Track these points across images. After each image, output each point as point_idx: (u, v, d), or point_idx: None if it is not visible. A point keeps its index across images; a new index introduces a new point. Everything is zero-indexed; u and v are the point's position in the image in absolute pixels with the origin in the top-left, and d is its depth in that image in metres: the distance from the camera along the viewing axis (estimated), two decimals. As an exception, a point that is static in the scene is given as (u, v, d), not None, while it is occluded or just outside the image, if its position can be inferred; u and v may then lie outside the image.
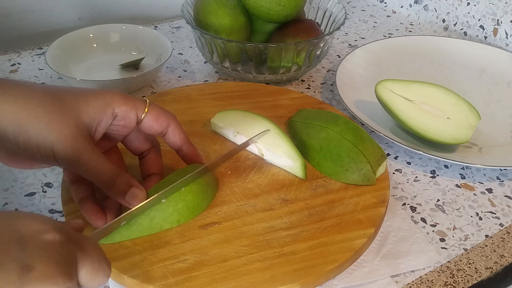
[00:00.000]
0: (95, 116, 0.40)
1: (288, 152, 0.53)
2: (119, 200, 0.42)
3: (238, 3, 0.72)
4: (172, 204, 0.46)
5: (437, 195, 0.58)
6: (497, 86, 0.78)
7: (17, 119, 0.36)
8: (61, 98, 0.38)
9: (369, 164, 0.52)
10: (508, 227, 0.55)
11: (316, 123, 0.56)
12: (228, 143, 0.58)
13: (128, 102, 0.42)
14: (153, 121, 0.44)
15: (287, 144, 0.54)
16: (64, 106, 0.38)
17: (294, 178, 0.54)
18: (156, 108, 0.44)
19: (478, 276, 0.49)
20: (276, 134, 0.55)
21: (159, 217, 0.46)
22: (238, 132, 0.56)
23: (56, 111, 0.37)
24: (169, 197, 0.46)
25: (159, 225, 0.46)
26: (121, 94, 0.42)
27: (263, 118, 0.57)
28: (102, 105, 0.40)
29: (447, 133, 0.60)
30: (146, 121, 0.44)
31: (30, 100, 0.37)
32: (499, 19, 0.88)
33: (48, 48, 0.71)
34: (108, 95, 0.41)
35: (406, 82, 0.62)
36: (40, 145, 0.37)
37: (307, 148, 0.55)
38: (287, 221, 0.48)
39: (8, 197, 0.54)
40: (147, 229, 0.46)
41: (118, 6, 0.95)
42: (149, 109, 0.43)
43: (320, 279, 0.44)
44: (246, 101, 0.65)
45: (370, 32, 0.94)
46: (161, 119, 0.44)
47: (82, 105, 0.39)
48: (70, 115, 0.38)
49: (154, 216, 0.45)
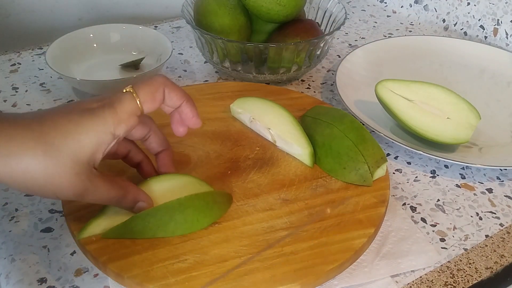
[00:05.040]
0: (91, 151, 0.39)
1: (298, 140, 0.55)
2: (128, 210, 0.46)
3: (238, 3, 0.72)
4: (169, 213, 0.45)
5: (437, 195, 0.58)
6: (497, 86, 0.78)
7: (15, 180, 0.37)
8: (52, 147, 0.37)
9: (366, 164, 0.52)
10: (508, 227, 0.55)
11: (324, 120, 0.57)
12: (228, 144, 0.58)
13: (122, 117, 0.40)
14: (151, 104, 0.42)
15: (299, 132, 0.56)
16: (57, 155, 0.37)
17: (294, 178, 0.54)
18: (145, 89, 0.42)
19: (478, 276, 0.49)
20: (289, 122, 0.57)
21: (153, 223, 0.45)
22: (254, 118, 0.58)
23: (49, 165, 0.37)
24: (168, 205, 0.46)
25: (152, 231, 0.45)
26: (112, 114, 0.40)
27: (280, 106, 0.58)
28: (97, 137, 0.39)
29: (447, 133, 0.60)
30: (145, 108, 0.42)
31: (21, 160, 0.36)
32: (499, 19, 0.88)
33: (48, 48, 0.71)
34: (100, 122, 0.39)
35: (406, 82, 0.62)
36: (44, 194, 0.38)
37: (312, 143, 0.56)
38: (287, 221, 0.48)
39: (8, 197, 0.54)
40: (140, 234, 0.45)
41: (118, 6, 0.95)
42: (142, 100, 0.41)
43: (320, 279, 0.44)
44: (246, 101, 0.65)
45: (370, 32, 0.94)
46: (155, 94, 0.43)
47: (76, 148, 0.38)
48: (65, 163, 0.37)
49: (148, 221, 0.45)
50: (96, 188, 0.40)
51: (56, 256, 0.48)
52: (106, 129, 0.39)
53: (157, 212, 0.46)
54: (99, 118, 0.39)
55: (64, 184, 0.38)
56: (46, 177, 0.37)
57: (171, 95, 0.44)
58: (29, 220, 0.52)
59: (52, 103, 0.70)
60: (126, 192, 0.43)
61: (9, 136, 0.36)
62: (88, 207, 0.48)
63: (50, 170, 0.37)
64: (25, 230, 0.51)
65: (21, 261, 0.48)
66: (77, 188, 0.39)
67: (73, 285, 0.46)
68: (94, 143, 0.39)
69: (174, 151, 0.56)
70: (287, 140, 0.56)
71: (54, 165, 0.37)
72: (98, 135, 0.39)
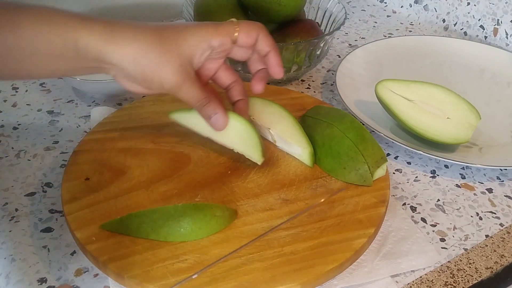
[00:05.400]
0: (193, 51, 0.47)
1: (298, 140, 0.55)
2: (206, 121, 0.51)
3: (238, 3, 0.72)
4: (163, 217, 0.46)
5: (437, 195, 0.58)
6: (497, 86, 0.78)
7: (135, 60, 0.45)
8: (166, 39, 0.46)
9: (366, 164, 0.52)
10: (508, 227, 0.55)
11: (324, 120, 0.57)
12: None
13: (220, 32, 0.48)
14: (245, 37, 0.50)
15: (299, 132, 0.56)
16: (169, 47, 0.46)
17: (294, 178, 0.54)
18: (245, 25, 0.50)
19: (478, 276, 0.49)
20: (289, 122, 0.57)
21: (147, 224, 0.45)
22: (254, 118, 0.58)
23: (163, 52, 0.45)
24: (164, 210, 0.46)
25: (146, 232, 0.45)
26: (213, 27, 0.49)
27: (279, 106, 0.58)
28: (198, 41, 0.47)
29: (447, 133, 0.60)
30: (240, 40, 0.49)
31: (143, 44, 0.45)
32: (499, 19, 0.88)
33: (48, 48, 0.71)
34: (202, 30, 0.48)
35: (406, 82, 0.62)
36: (153, 78, 0.46)
37: (312, 143, 0.56)
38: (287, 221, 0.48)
39: (8, 197, 0.54)
40: (135, 231, 0.45)
41: (118, 6, 0.95)
42: (239, 29, 0.49)
43: (320, 279, 0.44)
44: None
45: (370, 32, 0.94)
46: (251, 32, 0.50)
47: (183, 44, 0.47)
48: (174, 54, 0.46)
49: (143, 221, 0.45)
50: (192, 84, 0.48)
51: (56, 256, 0.48)
52: (206, 36, 0.48)
53: (152, 214, 0.46)
54: (204, 28, 0.48)
55: (170, 72, 0.46)
56: (159, 62, 0.45)
57: (263, 40, 0.51)
58: (29, 220, 0.52)
59: (52, 103, 0.70)
60: (211, 100, 0.50)
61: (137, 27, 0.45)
62: (88, 207, 0.48)
63: (163, 56, 0.45)
64: (25, 230, 0.51)
65: (21, 261, 0.48)
66: (179, 77, 0.47)
67: (73, 285, 0.46)
68: (196, 44, 0.47)
69: (174, 151, 0.56)
70: (287, 140, 0.56)
71: (166, 52, 0.46)
72: (200, 39, 0.47)
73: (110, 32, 0.44)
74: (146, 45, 0.45)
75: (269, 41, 0.51)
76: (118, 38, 0.44)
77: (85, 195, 0.49)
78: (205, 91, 0.50)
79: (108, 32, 0.44)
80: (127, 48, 0.44)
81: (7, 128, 0.65)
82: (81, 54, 0.43)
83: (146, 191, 0.50)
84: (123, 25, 0.45)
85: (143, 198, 0.50)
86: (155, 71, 0.46)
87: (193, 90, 0.48)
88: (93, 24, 0.43)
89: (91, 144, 0.56)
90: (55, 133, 0.64)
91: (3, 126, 0.65)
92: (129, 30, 0.45)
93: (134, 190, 0.50)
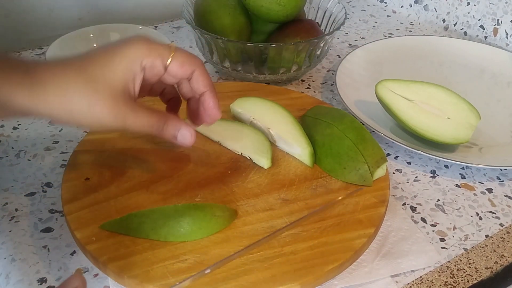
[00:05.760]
0: (125, 78, 0.42)
1: (298, 140, 0.55)
2: (174, 142, 0.46)
3: (238, 3, 0.72)
4: (163, 217, 0.46)
5: (437, 195, 0.58)
6: (497, 86, 0.78)
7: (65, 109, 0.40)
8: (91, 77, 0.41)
9: (366, 164, 0.52)
10: (508, 227, 0.55)
11: (324, 120, 0.57)
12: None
13: (153, 53, 0.43)
14: (178, 67, 0.45)
15: (299, 132, 0.56)
16: (96, 84, 0.41)
17: (294, 178, 0.54)
18: (181, 53, 0.45)
19: (478, 276, 0.49)
20: (289, 122, 0.57)
21: (147, 224, 0.45)
22: (254, 118, 0.58)
23: (91, 93, 0.41)
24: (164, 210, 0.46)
25: (145, 232, 0.45)
26: (145, 44, 0.43)
27: (280, 106, 0.58)
28: (127, 65, 0.42)
29: (447, 133, 0.60)
30: (171, 68, 0.44)
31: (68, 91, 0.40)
32: (499, 19, 0.88)
33: (48, 48, 0.71)
34: (131, 51, 0.43)
35: (406, 82, 0.62)
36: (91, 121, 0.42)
37: (312, 143, 0.56)
38: (287, 221, 0.48)
39: (8, 197, 0.54)
40: (134, 231, 0.45)
41: (118, 6, 0.95)
42: (174, 55, 0.44)
43: (320, 279, 0.44)
44: (246, 101, 0.65)
45: (370, 32, 0.94)
46: (185, 65, 0.45)
47: (111, 76, 0.42)
48: (103, 91, 0.41)
49: (143, 221, 0.45)
50: (136, 115, 0.43)
51: (56, 256, 0.48)
52: (135, 57, 0.42)
53: (152, 214, 0.46)
54: (133, 47, 0.43)
55: (105, 111, 0.41)
56: (90, 106, 0.41)
57: (199, 79, 0.46)
58: (29, 220, 0.52)
59: (52, 103, 0.70)
60: (167, 119, 0.45)
61: (56, 72, 0.40)
62: (88, 207, 0.48)
63: (92, 98, 0.41)
64: (25, 230, 0.51)
65: (21, 261, 0.48)
66: (118, 115, 0.42)
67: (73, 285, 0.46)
68: (125, 71, 0.42)
69: (174, 151, 0.56)
70: (287, 140, 0.56)
71: (94, 93, 0.41)
72: (129, 63, 0.42)
73: (30, 85, 0.39)
74: (71, 91, 0.40)
75: (205, 81, 0.46)
76: (40, 91, 0.40)
77: (85, 195, 0.49)
78: (155, 112, 0.44)
79: (28, 85, 0.39)
80: (52, 100, 0.40)
81: (7, 128, 0.65)
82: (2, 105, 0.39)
83: (146, 191, 0.50)
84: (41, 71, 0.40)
85: (143, 198, 0.50)
86: (88, 114, 0.41)
87: (140, 119, 0.43)
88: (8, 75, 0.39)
89: (91, 144, 0.56)
90: (55, 133, 0.64)
91: (3, 126, 0.65)
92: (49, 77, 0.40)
93: (134, 190, 0.50)
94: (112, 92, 0.41)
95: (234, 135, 0.56)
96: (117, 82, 0.42)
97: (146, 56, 0.43)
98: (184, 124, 0.46)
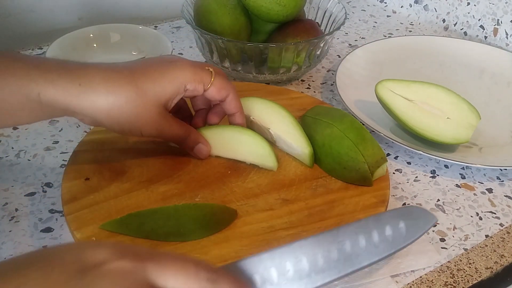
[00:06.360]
0: (171, 97, 0.48)
1: (298, 140, 0.55)
2: (190, 152, 0.53)
3: (238, 3, 0.72)
4: (163, 217, 0.46)
5: (437, 195, 0.58)
6: (497, 86, 0.78)
7: (110, 114, 0.44)
8: (142, 91, 0.45)
9: (367, 164, 0.52)
10: (508, 227, 0.55)
11: (324, 120, 0.57)
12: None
13: (197, 78, 0.49)
14: (215, 92, 0.50)
15: (298, 132, 0.56)
16: (146, 98, 0.45)
17: (294, 178, 0.54)
18: (220, 80, 0.51)
19: (478, 276, 0.49)
20: (289, 122, 0.57)
21: (147, 224, 0.45)
22: (254, 118, 0.58)
23: (140, 104, 0.45)
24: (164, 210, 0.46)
25: (145, 232, 0.45)
26: (191, 70, 0.49)
27: (280, 106, 0.58)
28: (176, 87, 0.47)
29: (447, 133, 0.60)
30: (209, 92, 0.50)
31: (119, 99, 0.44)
32: (499, 19, 0.88)
33: (48, 48, 0.71)
34: (181, 76, 0.48)
35: (406, 82, 0.62)
36: (131, 129, 0.46)
37: (312, 143, 0.56)
38: (287, 221, 0.48)
39: (8, 197, 0.54)
40: (134, 231, 0.45)
41: (118, 6, 0.95)
42: (213, 82, 0.50)
43: (320, 279, 0.44)
44: (246, 101, 0.65)
45: (370, 32, 0.94)
46: (222, 91, 0.51)
47: (160, 92, 0.46)
48: (151, 105, 0.46)
49: (143, 221, 0.45)
50: (170, 126, 0.49)
51: (56, 256, 0.48)
52: (183, 82, 0.48)
53: (152, 214, 0.46)
54: (182, 72, 0.48)
55: (149, 121, 0.46)
56: (137, 114, 0.45)
57: (232, 102, 0.52)
58: (29, 220, 0.52)
59: (52, 103, 0.70)
60: (190, 132, 0.52)
61: (107, 78, 0.44)
62: (88, 207, 0.48)
63: (140, 109, 0.45)
64: (25, 230, 0.51)
65: (21, 261, 0.48)
66: (159, 126, 0.47)
67: (73, 285, 0.46)
68: (173, 91, 0.47)
69: (174, 151, 0.56)
70: (287, 140, 0.56)
71: (143, 104, 0.45)
72: (177, 85, 0.48)
73: (79, 87, 0.42)
74: (122, 99, 0.44)
75: (237, 104, 0.53)
76: (90, 93, 0.43)
77: (85, 195, 0.49)
78: (183, 125, 0.51)
79: (76, 87, 0.42)
80: (101, 104, 0.43)
81: (7, 128, 0.65)
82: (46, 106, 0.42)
83: (146, 191, 0.50)
84: (91, 76, 0.43)
85: (143, 198, 0.50)
86: (132, 123, 0.46)
87: (172, 131, 0.49)
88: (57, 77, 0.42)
89: (91, 144, 0.56)
90: (55, 133, 0.64)
91: (3, 126, 0.65)
92: (100, 82, 0.43)
93: (134, 190, 0.50)
94: (157, 106, 0.47)
95: (232, 146, 0.55)
96: (163, 98, 0.47)
97: (191, 80, 0.48)
98: (203, 139, 0.53)
